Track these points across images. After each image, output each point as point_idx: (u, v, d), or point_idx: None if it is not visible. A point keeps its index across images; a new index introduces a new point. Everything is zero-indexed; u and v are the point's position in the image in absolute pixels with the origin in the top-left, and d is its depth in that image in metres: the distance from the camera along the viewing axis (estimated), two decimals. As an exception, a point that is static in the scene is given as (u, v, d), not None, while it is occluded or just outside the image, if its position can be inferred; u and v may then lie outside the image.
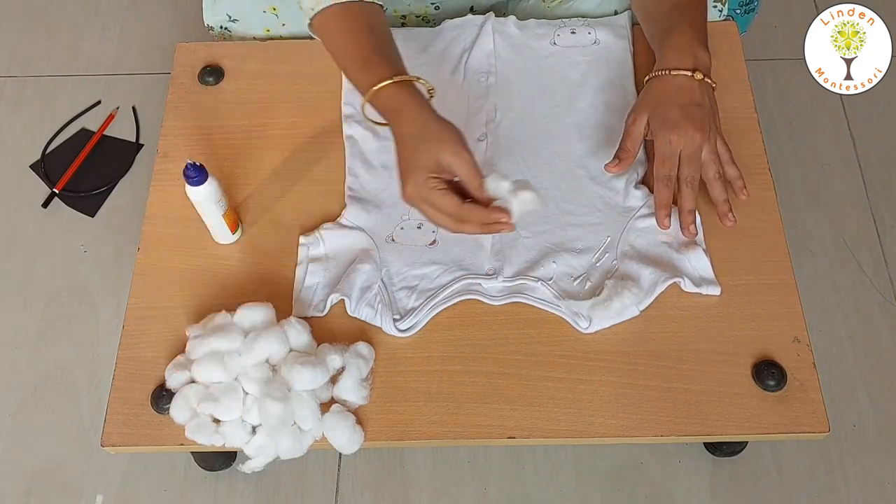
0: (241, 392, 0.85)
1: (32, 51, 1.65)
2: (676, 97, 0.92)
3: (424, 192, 0.83)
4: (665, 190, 0.92)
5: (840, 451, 1.20)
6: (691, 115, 0.90)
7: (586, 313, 0.90)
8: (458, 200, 0.83)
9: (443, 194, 0.83)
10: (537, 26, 1.11)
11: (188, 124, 1.07)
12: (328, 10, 0.94)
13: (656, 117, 0.92)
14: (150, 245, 0.98)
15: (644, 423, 0.86)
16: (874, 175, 1.46)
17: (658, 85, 0.94)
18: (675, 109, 0.91)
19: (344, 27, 0.94)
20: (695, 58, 0.93)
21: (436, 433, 0.86)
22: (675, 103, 0.91)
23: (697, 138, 0.90)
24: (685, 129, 0.90)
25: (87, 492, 1.20)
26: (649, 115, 0.93)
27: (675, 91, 0.92)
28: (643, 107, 0.94)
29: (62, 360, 1.31)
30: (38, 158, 1.50)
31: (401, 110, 0.87)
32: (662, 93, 0.93)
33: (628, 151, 0.94)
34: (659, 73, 0.94)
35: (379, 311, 0.90)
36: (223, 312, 0.89)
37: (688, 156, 0.91)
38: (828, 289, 1.34)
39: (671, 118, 0.90)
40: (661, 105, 0.92)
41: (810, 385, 0.87)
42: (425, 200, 0.84)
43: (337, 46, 0.95)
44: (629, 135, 0.94)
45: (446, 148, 0.83)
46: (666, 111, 0.91)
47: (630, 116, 0.95)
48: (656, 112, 0.92)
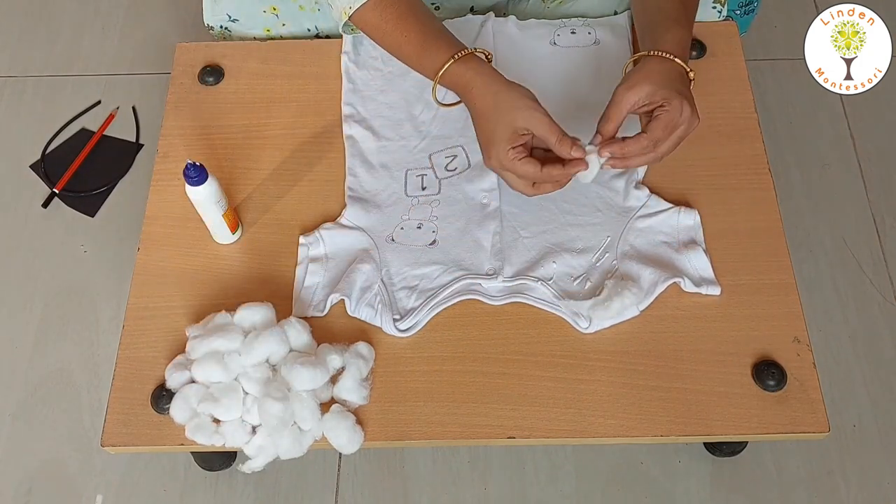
0: (241, 392, 0.85)
1: (32, 51, 1.65)
2: (682, 81, 0.90)
3: (507, 163, 0.87)
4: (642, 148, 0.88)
5: (840, 451, 1.20)
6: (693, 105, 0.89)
7: (586, 313, 0.90)
8: (538, 167, 0.87)
9: (524, 163, 0.87)
10: (537, 26, 1.11)
11: (188, 124, 1.07)
12: (367, 5, 0.94)
13: (668, 88, 0.87)
14: (150, 245, 0.98)
15: (644, 423, 0.86)
16: (874, 175, 1.46)
17: (663, 63, 0.90)
18: (686, 89, 0.89)
19: (388, 16, 0.94)
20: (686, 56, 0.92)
21: (436, 433, 0.86)
22: (684, 85, 0.90)
23: (695, 125, 0.89)
24: (694, 110, 0.88)
25: (87, 492, 1.20)
26: (653, 86, 0.88)
27: (681, 77, 0.90)
28: (643, 79, 0.88)
29: (62, 360, 1.31)
30: (38, 158, 1.50)
31: (470, 86, 0.90)
32: (670, 71, 0.90)
33: (612, 121, 0.89)
34: (661, 53, 0.90)
35: (379, 311, 0.90)
36: (223, 312, 0.89)
37: (679, 137, 0.88)
38: (828, 289, 1.34)
39: (686, 95, 0.88)
40: (671, 81, 0.88)
41: (810, 385, 0.87)
42: (508, 170, 0.88)
43: (387, 37, 0.96)
44: (618, 104, 0.88)
45: (520, 113, 0.87)
46: (679, 87, 0.88)
47: (621, 87, 0.89)
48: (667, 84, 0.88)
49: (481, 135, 0.90)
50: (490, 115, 0.89)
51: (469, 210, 0.98)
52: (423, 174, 1.01)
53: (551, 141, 0.86)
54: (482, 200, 0.98)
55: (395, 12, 0.94)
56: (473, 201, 0.98)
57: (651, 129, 0.88)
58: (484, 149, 0.90)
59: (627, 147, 0.88)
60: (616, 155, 0.88)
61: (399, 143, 1.03)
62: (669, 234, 0.95)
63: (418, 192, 1.00)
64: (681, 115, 0.87)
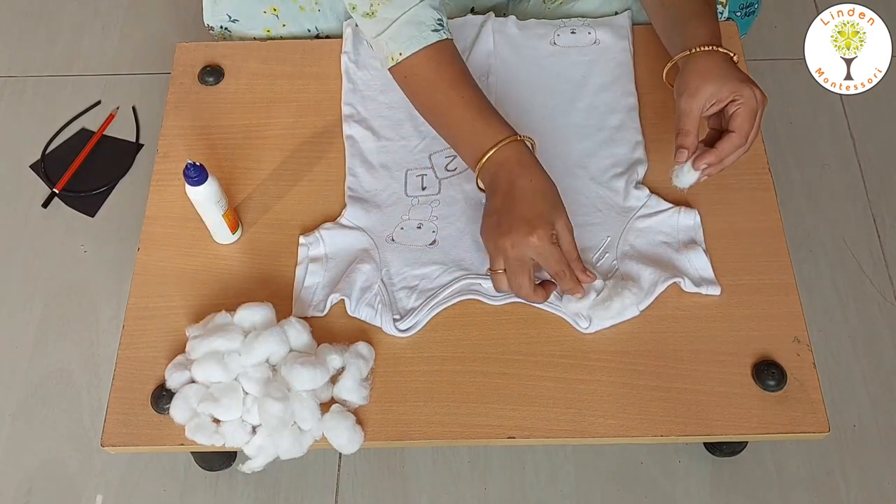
0: (241, 392, 0.85)
1: (32, 51, 1.65)
2: (735, 66, 0.88)
3: (548, 245, 0.85)
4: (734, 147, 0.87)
5: (840, 451, 1.20)
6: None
7: (586, 313, 0.90)
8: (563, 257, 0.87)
9: (558, 249, 0.86)
10: (537, 26, 1.11)
11: (188, 124, 1.07)
12: (420, 55, 0.92)
13: (729, 81, 0.86)
14: (150, 245, 0.98)
15: (644, 423, 0.86)
16: (874, 175, 1.46)
17: (709, 57, 0.89)
18: (742, 74, 0.88)
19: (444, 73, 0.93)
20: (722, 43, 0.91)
21: (436, 433, 0.86)
22: (738, 70, 0.88)
23: (766, 103, 0.87)
24: (762, 91, 0.86)
25: (87, 492, 1.20)
26: (713, 84, 0.87)
27: (730, 62, 0.89)
28: (700, 80, 0.87)
29: (62, 360, 1.31)
30: (38, 158, 1.50)
31: (527, 164, 0.89)
32: (719, 62, 0.88)
33: (690, 133, 0.87)
34: (703, 47, 0.89)
35: (379, 311, 0.90)
36: (223, 312, 0.89)
37: (760, 121, 0.87)
38: (828, 289, 1.34)
39: (748, 79, 0.87)
40: (726, 71, 0.87)
41: (810, 385, 0.87)
42: (544, 252, 0.85)
43: (437, 93, 0.93)
44: (688, 114, 0.87)
45: (562, 215, 0.88)
46: (737, 73, 0.87)
47: (684, 96, 0.88)
48: (725, 77, 0.87)
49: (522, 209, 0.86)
50: (541, 197, 0.87)
51: (469, 210, 0.98)
52: (423, 174, 1.01)
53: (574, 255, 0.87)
54: (482, 200, 0.98)
55: (453, 71, 0.93)
56: (473, 201, 0.98)
57: (738, 126, 0.87)
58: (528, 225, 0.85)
59: (722, 151, 0.87)
60: (713, 163, 0.88)
61: (399, 143, 1.03)
62: (669, 234, 0.95)
63: (418, 192, 1.00)
64: (756, 101, 0.86)
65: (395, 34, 0.92)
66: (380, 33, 0.94)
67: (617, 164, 1.00)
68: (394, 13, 0.92)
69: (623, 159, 1.01)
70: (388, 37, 0.93)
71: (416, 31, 0.92)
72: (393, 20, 0.92)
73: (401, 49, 0.93)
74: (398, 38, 0.92)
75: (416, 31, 0.92)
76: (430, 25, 0.92)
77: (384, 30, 0.93)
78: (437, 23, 0.93)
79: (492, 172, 0.90)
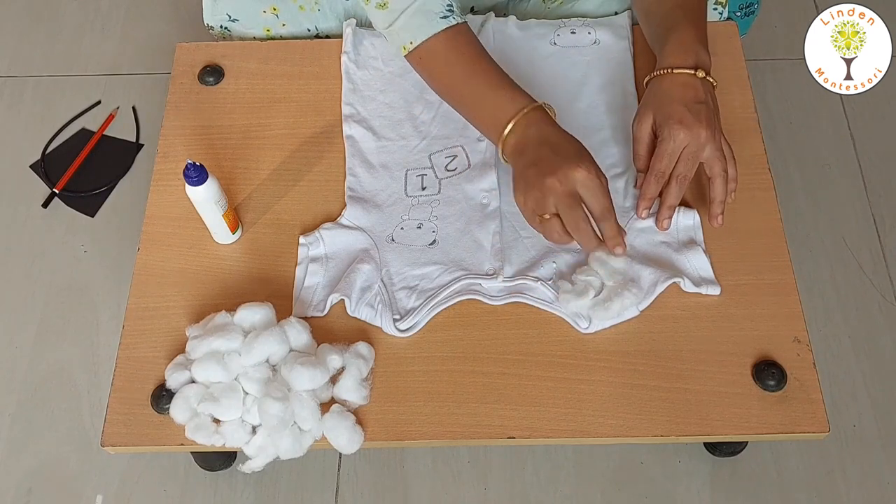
0: (242, 392, 0.85)
1: (32, 51, 1.65)
2: (681, 95, 0.91)
3: (596, 177, 0.85)
4: (654, 185, 0.92)
5: (840, 451, 1.20)
6: (697, 113, 0.90)
7: (586, 313, 0.90)
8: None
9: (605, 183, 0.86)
10: (537, 26, 1.11)
11: (188, 124, 1.07)
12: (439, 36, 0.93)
13: (661, 114, 0.91)
14: (150, 245, 0.98)
15: (644, 423, 0.86)
16: (874, 175, 1.46)
17: (661, 83, 0.93)
18: (679, 106, 0.90)
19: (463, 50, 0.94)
20: (696, 56, 0.93)
21: (436, 433, 0.86)
22: (679, 100, 0.91)
23: (703, 135, 0.89)
24: (691, 125, 0.89)
25: (87, 492, 1.20)
26: (654, 112, 0.92)
27: (679, 89, 0.92)
28: (647, 107, 0.94)
29: (62, 360, 1.30)
30: (38, 158, 1.50)
31: (554, 124, 0.90)
32: (666, 90, 0.92)
33: (641, 157, 0.94)
34: (661, 72, 0.93)
35: (379, 311, 0.90)
36: (223, 312, 0.89)
37: (689, 153, 0.90)
38: (828, 289, 1.34)
39: (676, 114, 0.90)
40: (666, 102, 0.91)
41: (810, 385, 0.87)
42: (593, 185, 0.85)
43: (455, 68, 0.94)
44: (638, 140, 0.94)
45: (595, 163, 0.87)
46: (671, 108, 0.91)
47: (635, 122, 0.94)
48: (661, 109, 0.92)
49: (562, 150, 0.87)
50: (574, 142, 0.88)
51: (469, 210, 0.98)
52: (423, 174, 1.01)
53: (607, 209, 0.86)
54: (482, 200, 0.98)
55: (469, 50, 0.94)
56: (473, 201, 0.98)
57: (652, 164, 0.92)
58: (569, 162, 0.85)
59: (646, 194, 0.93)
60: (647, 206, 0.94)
61: (399, 143, 1.03)
62: (669, 233, 0.95)
63: (418, 192, 1.00)
64: (674, 141, 0.90)
65: (406, 24, 0.94)
66: (391, 23, 0.95)
67: (617, 164, 1.00)
68: (404, 3, 0.93)
69: (623, 159, 1.00)
70: (400, 26, 0.94)
71: (425, 20, 0.93)
72: (403, 10, 0.93)
73: (412, 38, 0.94)
74: (409, 28, 0.94)
75: (426, 19, 0.93)
76: (438, 13, 0.93)
77: (395, 20, 0.94)
78: (446, 9, 0.94)
79: (518, 135, 0.90)
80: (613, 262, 0.90)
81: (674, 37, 0.95)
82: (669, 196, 0.92)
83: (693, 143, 0.90)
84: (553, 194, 0.85)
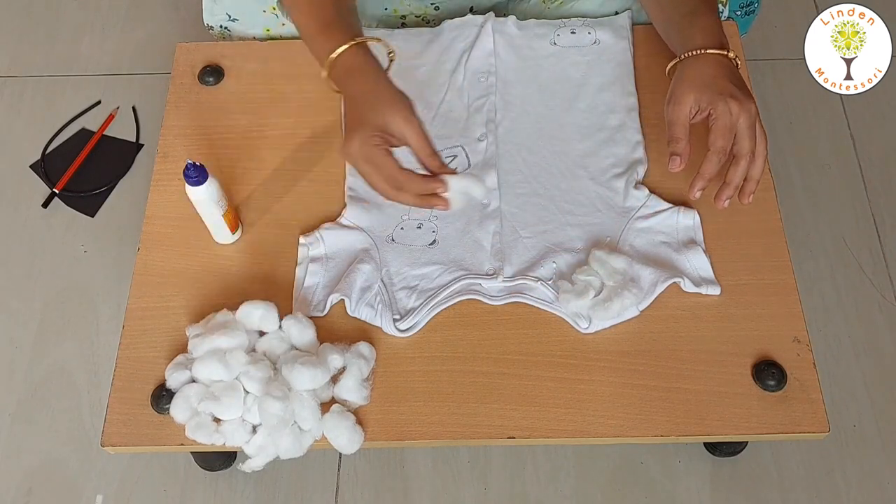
0: (242, 391, 0.85)
1: (32, 51, 1.65)
2: (721, 72, 0.88)
3: (367, 148, 0.83)
4: (716, 163, 0.87)
5: (840, 451, 1.20)
6: (743, 88, 0.88)
7: (586, 313, 0.90)
8: (398, 164, 0.83)
9: (385, 153, 0.83)
10: (537, 26, 1.11)
11: (188, 124, 1.07)
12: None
13: (708, 91, 0.87)
14: (150, 245, 0.98)
15: (644, 423, 0.86)
16: (874, 175, 1.46)
17: (696, 63, 0.90)
18: (725, 82, 0.87)
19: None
20: (722, 40, 0.91)
21: (436, 433, 0.86)
22: (723, 76, 0.88)
23: (753, 109, 0.87)
24: (742, 100, 0.86)
25: (87, 492, 1.20)
26: (695, 93, 0.88)
27: (717, 67, 0.89)
28: (684, 88, 0.89)
29: (62, 360, 1.30)
30: (38, 158, 1.50)
31: (355, 71, 0.87)
32: (704, 69, 0.89)
33: (680, 141, 0.88)
34: (693, 52, 0.90)
35: (379, 311, 0.90)
36: (224, 310, 0.89)
37: (747, 127, 0.86)
38: (828, 289, 1.34)
39: (727, 89, 0.87)
40: (709, 80, 0.88)
41: (810, 385, 0.87)
42: (366, 158, 0.83)
43: (300, 19, 0.94)
44: (675, 122, 0.88)
45: (399, 113, 0.83)
46: (717, 83, 0.87)
47: (670, 104, 0.89)
48: (706, 87, 0.88)
49: (350, 119, 0.86)
50: (364, 101, 0.85)
51: (469, 210, 0.98)
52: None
53: (425, 152, 0.84)
54: (482, 200, 0.98)
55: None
56: (474, 201, 0.98)
57: (712, 141, 0.87)
58: (347, 133, 0.85)
59: (705, 171, 0.87)
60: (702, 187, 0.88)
61: (399, 143, 1.03)
62: (669, 234, 0.95)
63: (418, 192, 0.99)
64: (731, 115, 0.86)
65: None
66: None
67: (617, 164, 1.00)
68: None
69: (623, 159, 1.00)
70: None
71: None
72: None
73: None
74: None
75: None
76: None
77: None
78: None
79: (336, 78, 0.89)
80: (613, 262, 0.90)
81: (699, 21, 0.93)
82: (736, 175, 0.87)
83: (747, 118, 0.86)
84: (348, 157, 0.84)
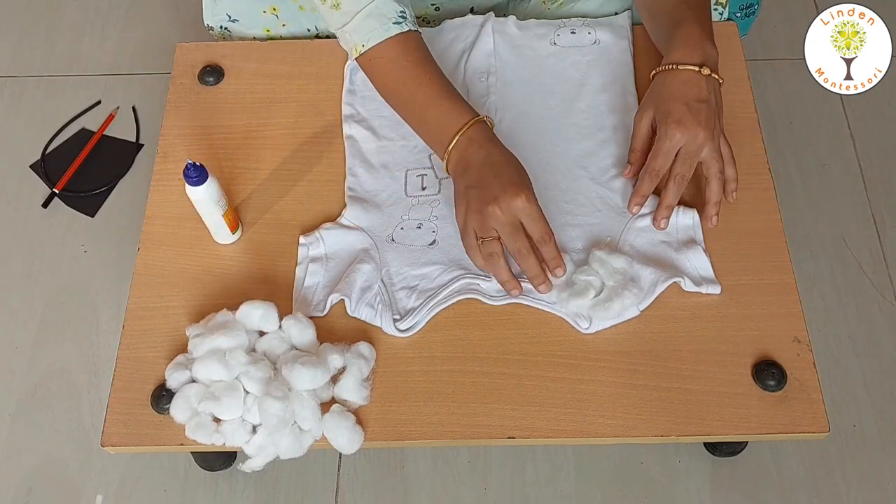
0: (242, 391, 0.85)
1: (32, 51, 1.65)
2: (682, 92, 0.91)
3: (536, 205, 0.87)
4: (649, 183, 0.93)
5: (840, 451, 1.20)
6: (696, 112, 0.89)
7: (586, 313, 0.90)
8: None
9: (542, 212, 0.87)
10: (537, 26, 1.11)
11: (188, 124, 1.07)
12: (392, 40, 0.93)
13: (661, 111, 0.91)
14: (150, 245, 0.98)
15: (644, 423, 0.86)
16: (874, 175, 1.46)
17: (664, 79, 0.93)
18: (679, 105, 0.90)
19: (412, 56, 0.94)
20: (703, 52, 0.92)
21: (436, 433, 0.86)
22: (680, 98, 0.90)
23: (700, 136, 0.89)
24: (689, 125, 0.89)
25: (87, 492, 1.20)
26: (654, 109, 0.92)
27: (682, 85, 0.91)
28: (648, 102, 0.94)
29: (62, 360, 1.31)
30: (38, 158, 1.50)
31: (494, 140, 0.91)
32: (668, 87, 0.92)
33: (636, 151, 0.95)
34: (666, 67, 0.93)
35: (379, 311, 0.90)
36: (224, 310, 0.89)
37: (687, 153, 0.90)
38: (828, 289, 1.34)
39: (676, 113, 0.90)
40: (667, 100, 0.91)
41: (810, 385, 0.87)
42: (532, 213, 0.87)
43: (402, 72, 0.94)
44: (636, 134, 0.94)
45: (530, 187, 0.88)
46: (671, 106, 0.90)
47: (637, 114, 0.95)
48: (661, 106, 0.91)
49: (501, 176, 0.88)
50: (515, 166, 0.89)
51: (469, 210, 0.98)
52: (424, 174, 1.01)
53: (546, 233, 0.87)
54: None
55: (416, 57, 0.94)
56: None
57: (648, 161, 0.92)
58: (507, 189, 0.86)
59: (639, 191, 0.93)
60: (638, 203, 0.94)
61: (399, 143, 1.03)
62: (668, 233, 0.95)
63: (418, 192, 1.00)
64: (670, 141, 0.90)
65: (358, 26, 0.94)
66: (344, 25, 0.95)
67: (617, 164, 1.00)
68: (357, 6, 0.93)
69: (623, 159, 1.00)
70: (352, 28, 0.94)
71: (377, 24, 0.93)
72: (356, 12, 0.93)
73: (363, 41, 0.94)
74: (360, 31, 0.94)
75: (378, 23, 0.93)
76: (391, 18, 0.93)
77: (348, 21, 0.94)
78: (399, 15, 0.94)
79: (461, 150, 0.91)
80: (613, 262, 0.90)
81: (680, 32, 0.94)
82: (668, 196, 0.92)
83: (690, 144, 0.89)
84: (496, 222, 0.87)
